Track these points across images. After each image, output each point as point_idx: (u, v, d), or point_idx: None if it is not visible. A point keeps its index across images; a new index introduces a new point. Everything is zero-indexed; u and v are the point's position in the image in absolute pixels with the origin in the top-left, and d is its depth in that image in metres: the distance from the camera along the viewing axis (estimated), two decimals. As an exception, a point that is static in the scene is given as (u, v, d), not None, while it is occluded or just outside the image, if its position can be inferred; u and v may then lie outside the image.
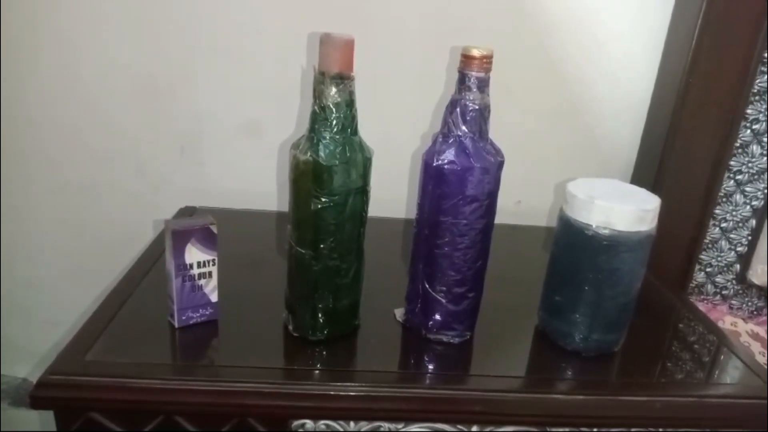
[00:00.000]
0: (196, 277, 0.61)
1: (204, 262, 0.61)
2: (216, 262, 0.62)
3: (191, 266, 0.60)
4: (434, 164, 0.58)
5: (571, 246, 0.62)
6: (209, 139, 0.93)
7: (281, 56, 0.88)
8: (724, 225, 0.90)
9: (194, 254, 0.60)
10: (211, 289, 0.63)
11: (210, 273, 0.62)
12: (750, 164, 0.87)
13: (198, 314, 0.62)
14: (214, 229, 0.61)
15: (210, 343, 0.62)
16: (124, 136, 0.93)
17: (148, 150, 0.93)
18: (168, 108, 0.91)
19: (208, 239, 0.60)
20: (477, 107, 0.56)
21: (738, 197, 0.89)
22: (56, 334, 0.99)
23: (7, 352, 1.06)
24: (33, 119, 0.91)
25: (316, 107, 0.55)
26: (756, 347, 0.89)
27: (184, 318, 0.62)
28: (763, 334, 0.91)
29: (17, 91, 0.89)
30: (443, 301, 0.62)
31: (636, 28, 0.89)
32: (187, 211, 0.91)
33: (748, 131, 0.85)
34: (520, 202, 0.97)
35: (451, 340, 0.63)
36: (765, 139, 0.85)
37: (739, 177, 0.87)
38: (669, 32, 0.87)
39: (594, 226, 0.59)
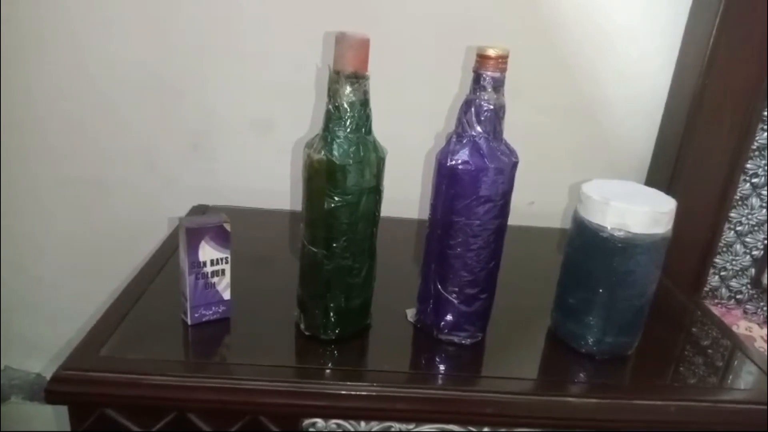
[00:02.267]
0: (210, 275, 0.61)
1: (217, 260, 0.61)
2: (229, 260, 0.62)
3: (205, 264, 0.61)
4: (448, 164, 0.58)
5: (586, 248, 0.61)
6: (222, 137, 0.93)
7: (296, 54, 0.88)
8: (739, 228, 0.89)
9: (208, 252, 0.60)
10: (224, 287, 0.63)
11: (223, 271, 0.62)
12: (767, 167, 0.86)
13: (211, 312, 0.63)
14: (228, 227, 0.61)
15: (222, 341, 0.63)
16: (136, 134, 0.93)
17: (159, 147, 0.94)
18: (180, 106, 0.92)
19: (221, 237, 0.61)
20: (492, 107, 0.56)
21: (754, 200, 0.88)
22: (69, 331, 1.00)
23: (21, 348, 1.07)
24: (44, 117, 0.92)
25: (330, 106, 0.55)
26: (771, 352, 0.88)
27: (197, 315, 0.62)
28: (778, 339, 0.90)
29: (28, 89, 0.90)
30: (455, 301, 0.61)
31: (651, 27, 0.88)
32: (199, 209, 0.92)
33: (765, 134, 0.84)
34: (533, 202, 0.96)
35: (463, 341, 0.63)
36: (782, 142, 0.84)
37: (755, 180, 0.86)
38: (685, 32, 0.87)
39: (609, 228, 0.58)
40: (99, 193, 0.97)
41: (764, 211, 0.88)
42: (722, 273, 0.92)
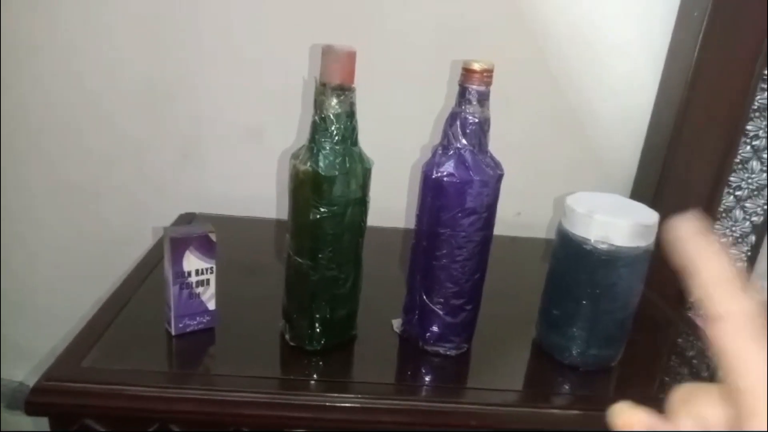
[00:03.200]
0: (194, 285, 0.61)
1: (202, 269, 0.61)
2: (214, 269, 0.62)
3: (189, 274, 0.60)
4: (433, 176, 0.58)
5: (569, 260, 0.62)
6: (210, 145, 0.93)
7: (283, 65, 0.88)
8: (723, 241, 0.90)
9: (192, 262, 0.60)
10: (208, 297, 0.62)
11: (208, 281, 0.62)
12: (750, 180, 0.87)
13: (195, 322, 0.62)
14: (213, 237, 0.61)
15: (206, 351, 0.62)
16: (127, 140, 0.93)
17: (148, 155, 0.94)
18: (169, 114, 0.92)
19: (206, 247, 0.61)
20: (477, 120, 0.57)
21: (738, 213, 0.89)
22: (54, 338, 0.99)
23: (5, 355, 1.05)
24: (34, 123, 0.92)
25: (316, 117, 0.56)
26: (754, 364, 0.89)
27: (181, 325, 0.62)
28: (761, 350, 0.91)
29: (19, 95, 0.90)
30: (441, 312, 0.62)
31: (637, 41, 0.89)
32: (186, 218, 0.91)
33: (748, 147, 0.85)
34: (520, 213, 0.97)
35: (448, 352, 0.63)
36: (765, 155, 0.85)
37: (738, 193, 0.87)
38: (670, 47, 0.88)
39: (592, 241, 0.59)
40: (89, 199, 0.96)
41: (748, 223, 0.89)
42: (706, 284, 0.92)
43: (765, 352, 0.19)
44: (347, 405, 0.55)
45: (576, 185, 0.84)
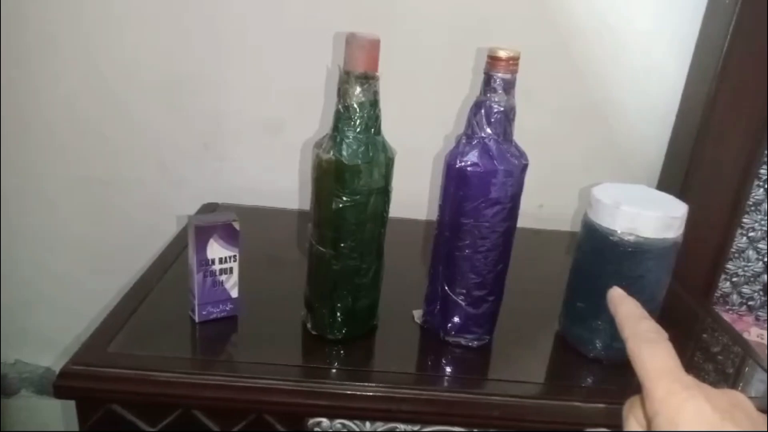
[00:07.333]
0: (218, 273, 0.61)
1: (225, 258, 0.61)
2: (237, 258, 0.62)
3: (213, 262, 0.61)
4: (457, 166, 0.57)
5: (595, 252, 0.61)
6: (232, 136, 0.94)
7: (306, 55, 0.88)
8: (751, 234, 0.88)
9: (216, 250, 0.61)
10: (231, 285, 0.63)
11: (231, 269, 0.62)
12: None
13: (218, 309, 0.63)
14: (237, 225, 0.61)
15: (229, 339, 0.63)
16: (147, 133, 0.94)
17: (170, 147, 0.94)
18: (191, 105, 0.92)
19: (230, 235, 0.61)
20: (502, 109, 0.56)
21: (767, 206, 0.87)
22: (79, 325, 1.00)
23: (33, 342, 1.08)
24: (55, 117, 0.93)
25: (340, 106, 0.55)
26: (783, 360, 0.87)
27: (204, 313, 0.62)
28: (790, 347, 0.89)
29: (40, 89, 0.91)
30: (463, 303, 0.61)
31: (664, 29, 0.87)
32: (209, 207, 0.92)
33: (780, 139, 0.83)
34: (542, 205, 0.96)
35: (470, 344, 0.63)
36: (797, 148, 0.83)
37: (769, 185, 0.85)
38: (700, 35, 0.86)
39: (619, 232, 0.58)
40: (110, 192, 0.97)
41: (778, 217, 0.87)
42: (734, 279, 0.91)
43: (656, 356, 0.29)
44: (368, 394, 0.56)
45: (601, 176, 0.84)
